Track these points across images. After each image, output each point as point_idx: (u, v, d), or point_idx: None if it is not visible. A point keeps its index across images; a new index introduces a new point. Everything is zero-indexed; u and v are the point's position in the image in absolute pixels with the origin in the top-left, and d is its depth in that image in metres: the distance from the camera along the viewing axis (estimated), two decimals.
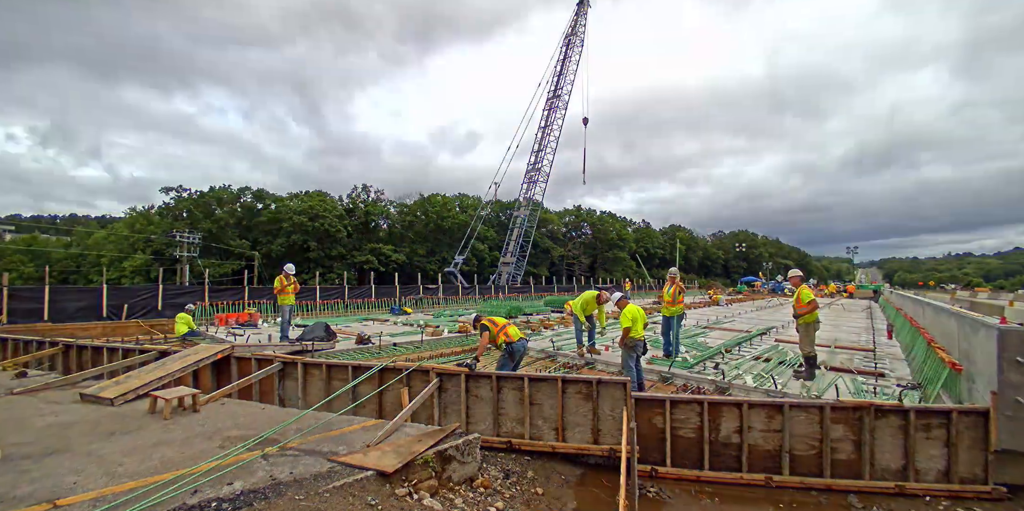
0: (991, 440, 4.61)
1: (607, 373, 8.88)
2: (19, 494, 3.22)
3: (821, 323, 8.44)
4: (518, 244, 40.62)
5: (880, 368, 8.91)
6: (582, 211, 72.53)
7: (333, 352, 10.22)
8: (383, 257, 45.41)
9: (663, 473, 4.96)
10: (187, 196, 44.51)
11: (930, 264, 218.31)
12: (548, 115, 39.41)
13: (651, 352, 10.30)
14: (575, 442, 5.08)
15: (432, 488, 3.88)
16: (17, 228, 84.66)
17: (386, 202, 53.36)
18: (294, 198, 47.50)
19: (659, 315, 10.69)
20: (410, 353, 10.98)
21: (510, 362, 6.81)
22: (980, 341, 5.33)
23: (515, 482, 4.43)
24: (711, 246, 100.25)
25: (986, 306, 25.74)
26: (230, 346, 7.60)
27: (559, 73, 39.15)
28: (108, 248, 43.47)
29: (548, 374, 5.42)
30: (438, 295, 29.20)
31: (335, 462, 3.83)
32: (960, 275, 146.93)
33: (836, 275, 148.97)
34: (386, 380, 5.97)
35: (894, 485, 4.67)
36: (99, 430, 4.63)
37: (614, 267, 67.87)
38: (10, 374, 7.14)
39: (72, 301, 16.93)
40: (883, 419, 4.81)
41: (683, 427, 5.10)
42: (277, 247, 42.41)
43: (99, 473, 3.59)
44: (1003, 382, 4.60)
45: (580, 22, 39.23)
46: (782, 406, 4.94)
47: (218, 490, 3.28)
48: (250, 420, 4.99)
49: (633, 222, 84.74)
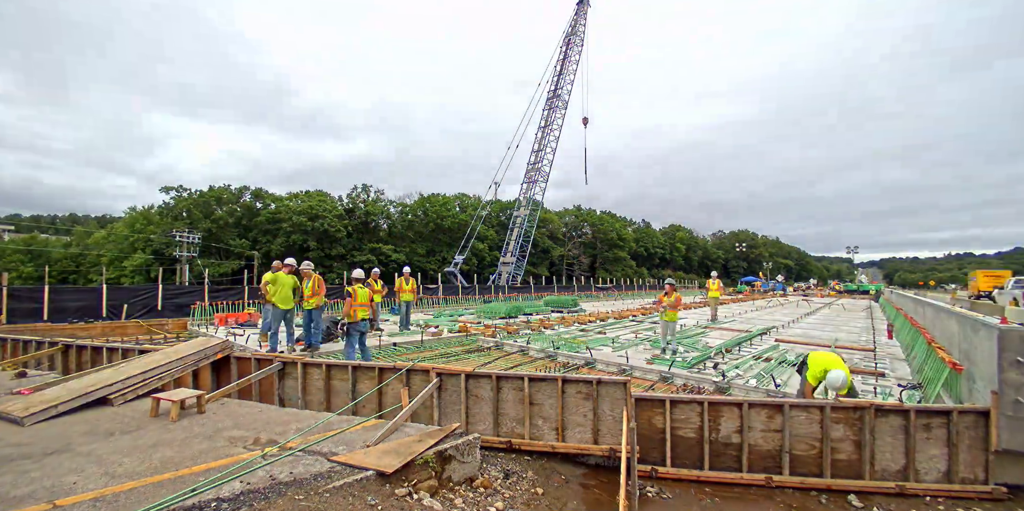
0: (992, 440, 4.61)
1: (607, 373, 8.89)
2: (19, 494, 3.22)
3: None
4: (518, 244, 40.58)
5: (880, 368, 8.92)
6: (582, 211, 72.55)
7: (334, 353, 10.21)
8: (383, 257, 45.43)
9: (663, 473, 4.96)
10: (187, 196, 44.50)
11: (930, 264, 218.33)
12: (548, 114, 39.38)
13: (651, 352, 10.32)
14: (575, 442, 5.08)
15: (432, 488, 3.88)
16: (17, 228, 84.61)
17: (386, 202, 53.40)
18: (294, 198, 47.53)
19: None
20: (410, 353, 10.98)
21: (351, 346, 6.38)
22: (980, 341, 5.34)
23: (515, 482, 4.42)
24: (711, 246, 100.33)
25: (986, 306, 25.72)
26: (220, 341, 7.35)
27: (559, 73, 39.15)
28: (108, 248, 43.49)
29: (548, 374, 5.41)
30: (438, 295, 29.20)
31: (335, 462, 3.83)
32: (960, 275, 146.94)
33: (836, 275, 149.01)
34: (385, 380, 5.97)
35: (895, 485, 4.66)
36: (99, 430, 4.62)
37: (614, 267, 67.89)
38: (10, 374, 7.13)
39: (72, 301, 16.92)
40: (883, 419, 4.81)
41: (683, 427, 5.10)
42: (277, 247, 42.41)
43: (99, 473, 3.58)
44: (1003, 382, 4.60)
45: (580, 22, 39.25)
46: (782, 406, 4.94)
47: (218, 490, 3.28)
48: (250, 420, 4.99)
49: (633, 222, 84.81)
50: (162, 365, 6.26)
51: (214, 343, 7.19)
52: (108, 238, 45.88)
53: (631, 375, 8.69)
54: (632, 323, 16.88)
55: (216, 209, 44.98)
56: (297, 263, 10.03)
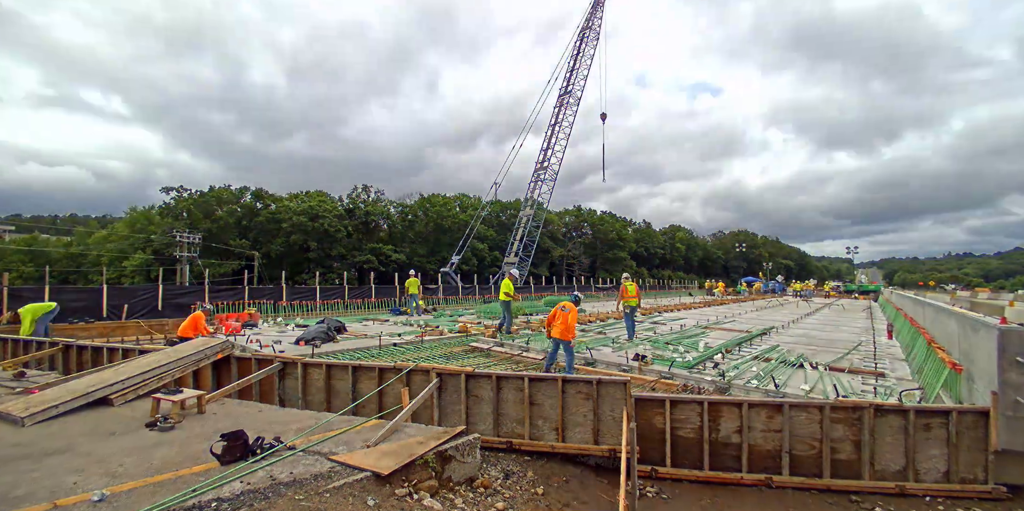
0: (991, 440, 4.61)
1: (607, 373, 8.88)
2: (19, 494, 3.22)
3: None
4: (522, 244, 40.39)
5: (880, 368, 8.92)
6: (582, 211, 72.51)
7: (334, 353, 10.22)
8: (383, 257, 45.41)
9: (663, 473, 4.96)
10: (187, 196, 44.51)
11: (930, 264, 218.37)
12: (559, 112, 38.86)
13: (652, 352, 10.31)
14: (575, 442, 5.08)
15: (432, 488, 3.88)
16: (17, 228, 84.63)
17: (386, 202, 53.39)
18: (294, 198, 47.52)
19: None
20: (410, 353, 10.98)
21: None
22: (980, 341, 5.34)
23: (515, 482, 4.42)
24: (711, 246, 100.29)
25: (986, 306, 25.73)
26: (220, 341, 7.39)
27: (572, 68, 38.55)
28: (108, 248, 43.50)
29: (548, 374, 5.41)
30: (438, 295, 29.21)
31: (335, 462, 3.83)
32: (960, 275, 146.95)
33: (836, 275, 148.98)
34: (386, 380, 5.97)
35: (894, 485, 4.67)
36: (99, 430, 4.63)
37: (614, 267, 67.85)
38: (9, 374, 7.13)
39: (72, 301, 16.91)
40: (883, 419, 4.81)
41: (683, 427, 5.10)
42: (277, 247, 42.42)
43: (99, 473, 3.59)
44: (1003, 382, 4.60)
45: (596, 15, 38.67)
46: (782, 406, 4.94)
47: (218, 490, 3.28)
48: (250, 420, 4.99)
49: (633, 222, 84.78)
50: (162, 365, 6.26)
51: (214, 343, 7.20)
52: (108, 238, 45.89)
53: (631, 375, 8.68)
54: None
55: (216, 209, 44.99)
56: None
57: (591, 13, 38.73)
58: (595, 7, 38.69)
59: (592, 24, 38.69)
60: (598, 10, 38.64)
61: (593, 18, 38.69)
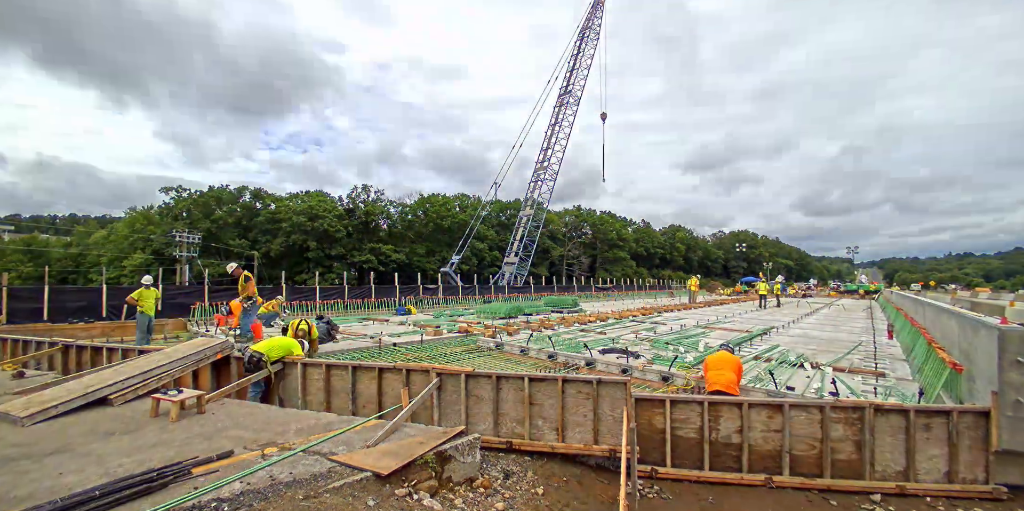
0: (992, 440, 4.61)
1: (607, 373, 8.88)
2: (19, 494, 3.22)
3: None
4: (522, 244, 40.40)
5: (880, 368, 8.92)
6: (582, 211, 72.54)
7: (334, 353, 10.21)
8: (383, 257, 45.43)
9: (663, 473, 4.95)
10: (187, 196, 44.54)
11: (930, 264, 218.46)
12: (559, 111, 38.92)
13: (652, 352, 10.32)
14: (575, 442, 5.07)
15: (432, 488, 3.88)
16: (17, 228, 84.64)
17: (386, 202, 53.43)
18: (294, 198, 47.60)
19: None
20: (410, 353, 10.98)
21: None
22: (981, 341, 5.33)
23: (515, 482, 4.42)
24: (711, 246, 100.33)
25: (987, 306, 25.72)
26: (220, 342, 7.41)
27: (572, 68, 38.62)
28: (108, 248, 43.50)
29: (548, 374, 5.40)
30: (438, 295, 29.22)
31: (335, 462, 3.82)
32: (961, 275, 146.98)
33: (836, 275, 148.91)
34: (385, 380, 5.97)
35: (895, 485, 4.66)
36: (99, 430, 4.62)
37: (614, 267, 67.86)
38: (8, 374, 7.13)
39: (72, 301, 16.93)
40: (883, 419, 4.81)
41: (683, 427, 5.09)
42: (276, 247, 42.43)
43: (99, 473, 3.58)
44: (1004, 382, 4.59)
45: (596, 14, 38.77)
46: (782, 406, 4.93)
47: (218, 490, 3.27)
48: (250, 420, 4.98)
49: (633, 222, 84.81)
50: (162, 365, 6.26)
51: (214, 343, 7.19)
52: (108, 238, 45.93)
53: (631, 375, 8.68)
54: (632, 323, 16.87)
55: (216, 209, 45.00)
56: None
57: (591, 13, 38.78)
58: (595, 7, 38.75)
59: (592, 24, 38.74)
60: (598, 10, 38.70)
61: (593, 18, 38.73)
